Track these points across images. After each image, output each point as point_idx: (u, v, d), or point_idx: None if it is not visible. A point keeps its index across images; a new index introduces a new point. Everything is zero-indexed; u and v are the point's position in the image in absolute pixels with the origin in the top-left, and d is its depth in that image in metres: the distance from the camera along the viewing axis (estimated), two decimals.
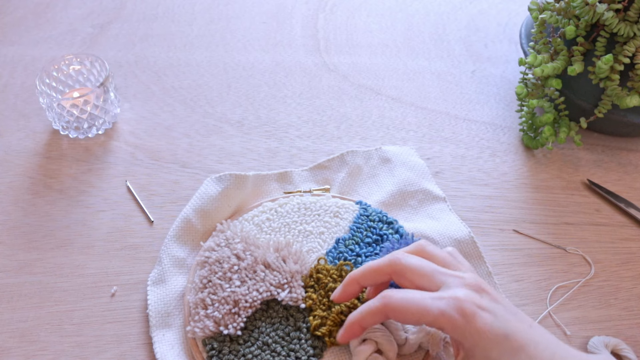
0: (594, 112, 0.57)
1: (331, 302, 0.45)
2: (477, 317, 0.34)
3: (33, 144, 0.61)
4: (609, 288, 0.51)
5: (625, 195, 0.58)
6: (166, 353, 0.44)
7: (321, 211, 0.53)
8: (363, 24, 0.81)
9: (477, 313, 0.34)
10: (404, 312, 0.36)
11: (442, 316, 0.34)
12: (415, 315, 0.35)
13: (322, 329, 0.44)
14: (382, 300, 0.37)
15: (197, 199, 0.53)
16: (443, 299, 0.35)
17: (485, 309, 0.35)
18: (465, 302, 0.34)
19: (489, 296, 0.36)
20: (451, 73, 0.73)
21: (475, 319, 0.34)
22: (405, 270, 0.38)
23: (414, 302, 0.35)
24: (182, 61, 0.73)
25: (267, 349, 0.43)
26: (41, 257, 0.51)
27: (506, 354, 0.33)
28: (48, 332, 0.46)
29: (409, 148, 0.60)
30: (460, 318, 0.34)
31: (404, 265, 0.38)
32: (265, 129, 0.64)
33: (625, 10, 0.53)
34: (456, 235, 0.51)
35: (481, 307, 0.35)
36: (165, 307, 0.47)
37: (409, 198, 0.56)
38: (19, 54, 0.73)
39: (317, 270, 0.47)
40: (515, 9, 0.84)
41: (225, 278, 0.46)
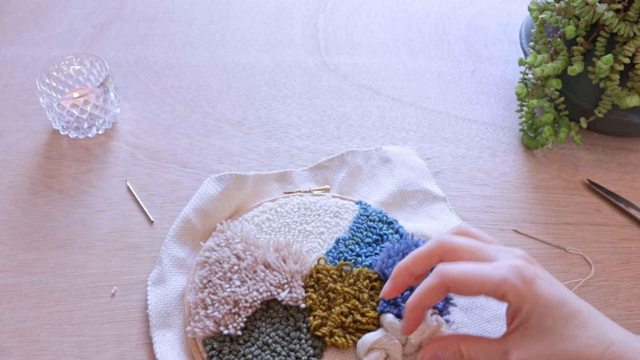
0: (594, 112, 0.57)
1: (331, 302, 0.45)
2: (537, 283, 0.35)
3: (33, 144, 0.61)
4: (609, 288, 0.51)
5: (625, 195, 0.58)
6: (166, 353, 0.44)
7: (321, 211, 0.53)
8: (363, 24, 0.81)
9: (535, 279, 0.35)
10: (465, 282, 0.35)
11: (505, 283, 0.35)
12: (476, 284, 0.35)
13: (323, 329, 0.44)
14: (440, 275, 0.36)
15: (197, 199, 0.53)
16: (503, 267, 0.35)
17: (542, 276, 0.35)
18: (524, 269, 0.35)
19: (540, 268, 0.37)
20: (451, 73, 0.73)
21: (535, 284, 0.35)
22: (456, 249, 0.38)
23: (474, 272, 0.35)
24: (182, 61, 0.73)
25: (267, 349, 0.43)
26: (41, 257, 0.51)
27: (560, 321, 0.34)
28: (48, 332, 0.46)
29: (409, 148, 0.61)
30: (521, 284, 0.34)
31: (454, 244, 0.38)
32: (265, 129, 0.64)
33: (625, 10, 0.53)
34: None
35: (538, 274, 0.35)
36: (165, 307, 0.47)
37: (409, 198, 0.56)
38: (19, 54, 0.73)
39: (317, 270, 0.47)
40: (515, 9, 0.84)
41: (225, 278, 0.46)
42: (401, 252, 0.47)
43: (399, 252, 0.47)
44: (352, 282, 0.46)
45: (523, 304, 0.35)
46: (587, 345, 0.33)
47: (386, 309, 0.44)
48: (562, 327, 0.34)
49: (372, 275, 0.47)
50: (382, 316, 0.44)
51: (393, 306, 0.44)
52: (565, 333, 0.34)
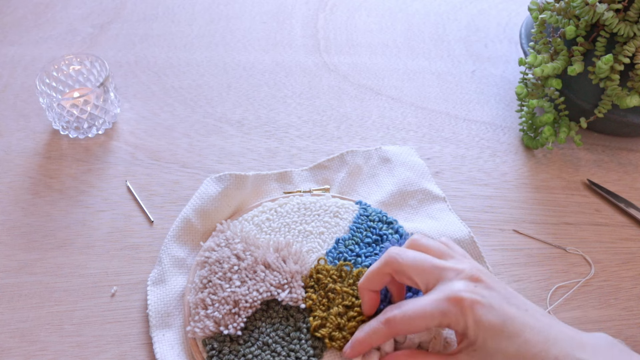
0: (594, 112, 0.57)
1: (331, 303, 0.45)
2: (475, 310, 0.36)
3: (33, 144, 0.61)
4: (609, 288, 0.51)
5: (625, 195, 0.58)
6: (166, 353, 0.44)
7: (321, 211, 0.53)
8: (363, 24, 0.81)
9: (474, 306, 0.36)
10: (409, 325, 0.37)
11: (445, 316, 0.36)
12: (420, 324, 0.37)
13: (322, 330, 0.44)
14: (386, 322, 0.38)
15: (197, 199, 0.53)
16: (442, 300, 0.36)
17: (482, 302, 0.36)
18: (464, 298, 0.36)
19: (484, 284, 0.37)
20: (451, 73, 0.73)
21: (474, 311, 0.36)
22: (403, 268, 0.39)
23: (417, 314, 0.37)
24: (182, 61, 0.73)
25: (267, 349, 0.43)
26: (41, 257, 0.51)
27: (503, 342, 0.35)
28: (48, 332, 0.46)
29: (408, 148, 0.61)
30: (461, 314, 0.36)
31: (401, 263, 0.39)
32: (265, 129, 0.64)
33: (625, 10, 0.53)
34: (456, 235, 0.51)
35: (478, 300, 0.36)
36: (165, 307, 0.47)
37: (409, 198, 0.56)
38: (19, 54, 0.73)
39: (317, 270, 0.47)
40: (515, 9, 0.84)
41: (225, 278, 0.46)
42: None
43: None
44: (351, 283, 0.46)
45: (467, 330, 0.36)
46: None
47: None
48: (506, 348, 0.35)
49: None
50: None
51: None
52: (509, 352, 0.35)
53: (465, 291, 0.36)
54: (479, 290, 0.37)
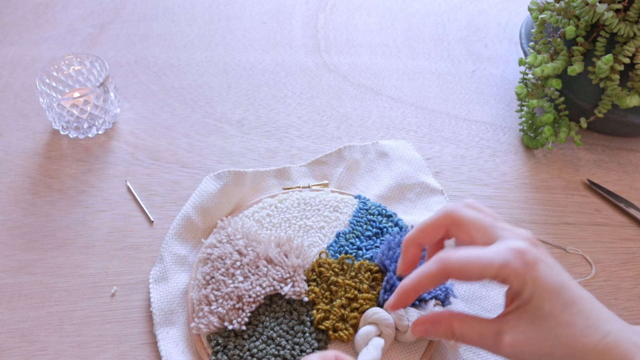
0: (594, 112, 0.57)
1: (333, 295, 0.46)
2: (538, 267, 0.34)
3: (33, 144, 0.61)
4: (609, 288, 0.51)
5: (625, 195, 0.58)
6: (170, 350, 0.44)
7: (321, 206, 0.53)
8: (363, 24, 0.81)
9: (537, 263, 0.34)
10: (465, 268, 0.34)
11: (506, 267, 0.34)
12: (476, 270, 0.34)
13: (326, 323, 0.44)
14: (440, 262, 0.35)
15: (197, 196, 0.53)
16: (504, 250, 0.34)
17: (544, 261, 0.35)
18: (527, 252, 0.34)
19: (544, 251, 0.36)
20: (451, 73, 0.73)
21: (536, 268, 0.34)
22: (462, 221, 0.37)
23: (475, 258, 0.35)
24: (182, 61, 0.73)
25: (272, 343, 0.43)
26: (41, 257, 0.51)
27: (558, 306, 0.34)
28: (48, 332, 0.46)
29: (405, 142, 0.61)
30: (522, 267, 0.34)
31: (462, 216, 0.37)
32: (265, 129, 0.64)
33: (625, 10, 0.53)
34: None
35: (540, 258, 0.35)
36: (169, 304, 0.47)
37: (407, 191, 0.56)
38: (19, 54, 0.73)
39: (319, 264, 0.48)
40: (515, 9, 0.84)
41: (228, 274, 0.46)
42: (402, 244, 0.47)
43: (400, 244, 0.47)
44: (353, 275, 0.47)
45: (524, 288, 0.34)
46: (582, 334, 0.33)
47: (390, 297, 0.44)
48: (559, 313, 0.34)
49: (373, 267, 0.47)
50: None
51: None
52: (562, 319, 0.33)
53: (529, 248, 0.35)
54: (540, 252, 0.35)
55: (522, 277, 0.34)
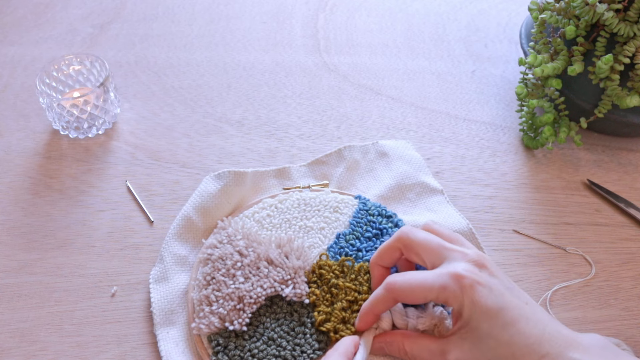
0: (594, 112, 0.57)
1: (334, 298, 0.46)
2: (475, 290, 0.36)
3: (33, 144, 0.61)
4: (609, 288, 0.51)
5: (625, 195, 0.58)
6: (171, 351, 0.44)
7: (321, 206, 0.53)
8: (363, 24, 0.81)
9: (474, 286, 0.36)
10: (408, 292, 0.38)
11: (444, 290, 0.37)
12: (420, 293, 0.38)
13: (327, 325, 0.44)
14: (386, 286, 0.39)
15: (197, 196, 0.53)
16: (444, 275, 0.37)
17: (482, 283, 0.37)
18: (465, 276, 0.37)
19: (488, 271, 0.38)
20: (451, 73, 0.73)
21: (473, 291, 0.36)
22: (412, 244, 0.41)
23: (417, 282, 0.38)
24: (182, 61, 0.73)
25: (272, 343, 0.43)
26: (41, 257, 0.51)
27: (497, 328, 0.35)
28: (48, 332, 0.46)
29: (405, 142, 0.61)
30: (459, 290, 0.36)
31: (412, 239, 0.41)
32: (265, 129, 0.64)
33: (625, 10, 0.53)
34: (455, 227, 0.52)
35: (479, 281, 0.37)
36: (169, 304, 0.47)
37: (407, 191, 0.56)
38: (19, 54, 0.73)
39: (319, 266, 0.48)
40: (515, 9, 0.84)
41: (228, 275, 0.46)
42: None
43: None
44: (353, 278, 0.47)
45: (462, 310, 0.36)
46: (522, 353, 0.35)
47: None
48: (498, 334, 0.35)
49: None
50: None
51: None
52: (502, 340, 0.35)
53: (468, 271, 0.37)
54: (481, 274, 0.37)
55: (460, 299, 0.36)
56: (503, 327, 0.35)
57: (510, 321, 0.35)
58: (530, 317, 0.36)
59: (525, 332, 0.35)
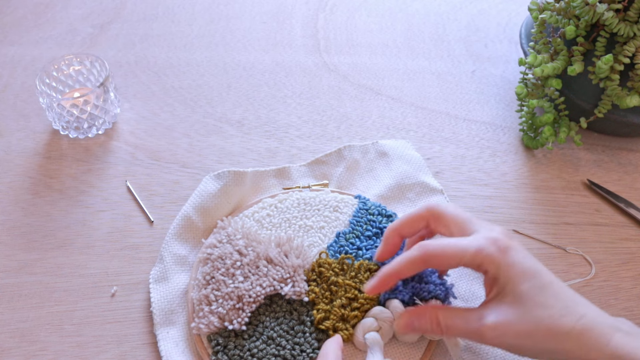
0: (594, 112, 0.57)
1: (333, 296, 0.46)
2: (512, 251, 0.36)
3: (33, 144, 0.61)
4: (609, 288, 0.51)
5: (625, 195, 0.58)
6: (171, 350, 0.44)
7: (321, 206, 0.53)
8: (363, 24, 0.81)
9: (510, 248, 0.36)
10: (442, 255, 0.37)
11: (481, 252, 0.36)
12: (454, 256, 0.37)
13: (326, 323, 0.44)
14: (421, 248, 0.38)
15: (197, 196, 0.53)
16: (479, 238, 0.37)
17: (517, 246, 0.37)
18: (500, 239, 0.37)
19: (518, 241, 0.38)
20: (451, 73, 0.73)
21: (510, 252, 0.36)
22: (441, 215, 0.40)
23: (452, 245, 0.37)
24: (182, 61, 0.73)
25: (272, 343, 0.43)
26: (41, 257, 0.51)
27: (535, 288, 0.35)
28: (48, 332, 0.46)
29: (405, 141, 0.61)
30: (496, 251, 0.36)
31: (441, 210, 0.40)
32: (265, 129, 0.64)
33: (625, 10, 0.53)
34: None
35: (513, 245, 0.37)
36: (169, 304, 0.47)
37: (407, 191, 0.56)
38: (19, 54, 0.73)
39: (319, 264, 0.48)
40: (515, 9, 0.84)
41: (228, 274, 0.46)
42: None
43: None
44: (353, 275, 0.47)
45: (499, 272, 0.36)
46: (559, 315, 0.34)
47: (391, 296, 0.45)
48: (536, 296, 0.35)
49: (373, 267, 0.47)
50: (388, 302, 0.45)
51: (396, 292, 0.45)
52: (539, 301, 0.35)
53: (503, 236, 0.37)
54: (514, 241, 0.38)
55: (497, 261, 0.36)
56: (540, 289, 0.35)
57: (547, 284, 0.35)
58: (562, 285, 0.36)
59: (560, 295, 0.35)
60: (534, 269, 0.36)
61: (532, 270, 0.36)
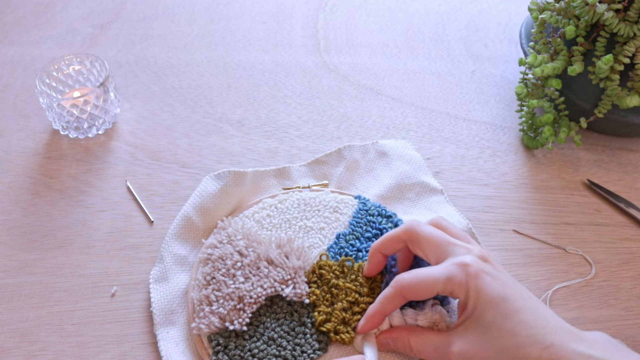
0: (594, 112, 0.57)
1: (334, 298, 0.46)
2: (480, 278, 0.36)
3: (33, 144, 0.61)
4: (609, 288, 0.51)
5: (625, 195, 0.58)
6: (171, 351, 0.44)
7: (321, 206, 0.53)
8: (363, 24, 0.81)
9: (479, 274, 0.37)
10: (416, 288, 0.38)
11: (450, 280, 0.37)
12: (427, 287, 0.38)
13: (328, 325, 0.44)
14: (395, 284, 0.39)
15: (197, 196, 0.53)
16: (449, 266, 0.38)
17: (487, 272, 0.37)
18: (470, 264, 0.37)
19: (492, 266, 0.38)
20: (451, 73, 0.73)
21: (478, 279, 0.36)
22: (419, 238, 0.41)
23: (424, 277, 0.38)
24: (182, 61, 0.73)
25: (272, 343, 0.43)
26: (41, 257, 0.51)
27: (500, 316, 0.35)
28: (48, 332, 0.46)
29: (405, 141, 0.61)
30: (465, 278, 0.37)
31: (418, 233, 0.41)
32: (265, 129, 0.64)
33: (625, 10, 0.53)
34: None
35: (484, 270, 0.37)
36: (169, 304, 0.47)
37: (407, 191, 0.56)
38: (19, 54, 0.73)
39: (319, 266, 0.48)
40: (515, 9, 0.84)
41: (228, 275, 0.46)
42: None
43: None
44: (353, 278, 0.47)
45: (468, 298, 0.37)
46: (525, 343, 0.34)
47: None
48: (502, 323, 0.35)
49: None
50: None
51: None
52: (505, 329, 0.35)
53: (473, 262, 0.37)
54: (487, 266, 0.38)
55: (465, 287, 0.37)
56: (506, 317, 0.35)
57: (514, 311, 0.35)
58: (533, 309, 0.36)
59: (528, 323, 0.35)
60: (502, 295, 0.36)
61: (499, 297, 0.36)
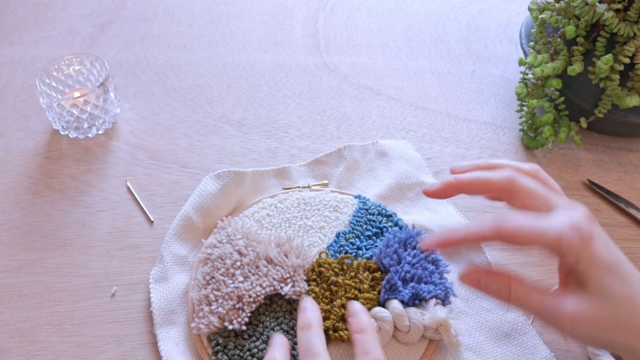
0: (594, 112, 0.57)
1: (333, 295, 0.46)
2: (594, 242, 0.34)
3: (33, 144, 0.61)
4: None
5: (625, 195, 0.58)
6: (171, 351, 0.44)
7: (321, 206, 0.53)
8: (363, 24, 0.81)
9: (593, 238, 0.34)
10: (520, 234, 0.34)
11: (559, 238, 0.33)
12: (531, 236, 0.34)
13: (326, 322, 0.44)
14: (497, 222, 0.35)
15: (197, 196, 0.53)
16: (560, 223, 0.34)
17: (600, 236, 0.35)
18: (584, 228, 0.34)
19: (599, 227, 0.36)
20: (451, 73, 0.73)
21: (592, 243, 0.34)
22: (520, 190, 0.37)
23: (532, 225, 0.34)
24: (182, 61, 0.73)
25: None
26: (41, 257, 0.51)
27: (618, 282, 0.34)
28: (48, 332, 0.46)
29: (405, 141, 0.61)
30: (578, 241, 0.34)
31: (520, 185, 0.37)
32: (265, 129, 0.64)
33: (625, 10, 0.53)
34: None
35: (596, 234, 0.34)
36: (169, 304, 0.47)
37: (407, 191, 0.56)
38: (19, 54, 0.73)
39: (319, 264, 0.48)
40: (515, 9, 0.84)
41: (228, 274, 0.46)
42: (402, 241, 0.48)
43: (400, 242, 0.47)
44: (353, 275, 0.47)
45: (579, 262, 0.34)
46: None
47: (390, 297, 0.45)
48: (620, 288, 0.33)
49: (372, 265, 0.48)
50: (387, 303, 0.45)
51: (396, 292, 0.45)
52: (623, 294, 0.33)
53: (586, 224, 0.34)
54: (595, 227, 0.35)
55: (578, 251, 0.34)
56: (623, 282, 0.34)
57: (628, 277, 0.34)
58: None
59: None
60: (616, 262, 0.34)
61: (614, 262, 0.34)
